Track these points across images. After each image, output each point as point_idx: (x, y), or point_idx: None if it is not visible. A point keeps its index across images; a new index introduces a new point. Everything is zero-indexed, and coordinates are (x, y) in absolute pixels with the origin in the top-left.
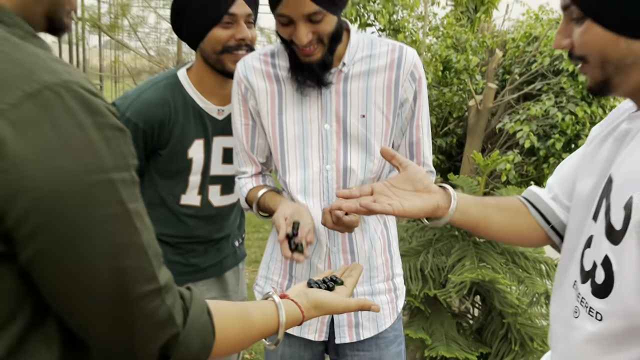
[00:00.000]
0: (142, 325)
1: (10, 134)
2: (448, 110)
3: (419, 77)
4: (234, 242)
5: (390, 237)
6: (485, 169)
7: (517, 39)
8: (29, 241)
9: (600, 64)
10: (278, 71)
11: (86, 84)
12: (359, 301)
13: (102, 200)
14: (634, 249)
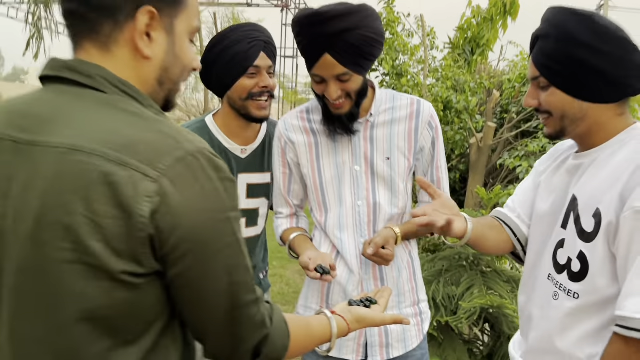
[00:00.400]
0: (245, 327)
1: (170, 188)
2: (451, 148)
3: (436, 126)
4: (259, 275)
5: (415, 267)
6: (488, 203)
7: (512, 79)
8: (178, 262)
9: (561, 118)
10: (313, 125)
11: (210, 149)
12: (393, 316)
13: (224, 232)
14: (603, 245)
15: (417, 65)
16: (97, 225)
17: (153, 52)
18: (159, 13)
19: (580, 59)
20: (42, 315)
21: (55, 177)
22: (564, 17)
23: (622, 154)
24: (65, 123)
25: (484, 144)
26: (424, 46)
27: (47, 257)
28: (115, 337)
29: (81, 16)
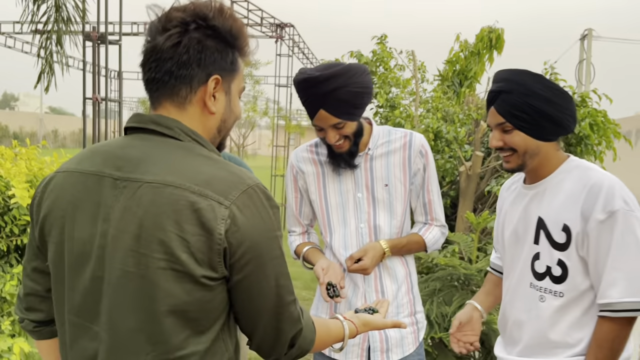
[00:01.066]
0: (286, 321)
1: (238, 213)
2: (442, 175)
3: (426, 153)
4: None
5: (412, 281)
6: (477, 227)
7: None
8: (242, 269)
9: (523, 154)
10: (320, 157)
11: (259, 182)
12: (393, 321)
13: (274, 246)
14: (574, 251)
15: (409, 97)
16: (184, 240)
17: (217, 108)
18: (222, 79)
19: (538, 107)
20: (139, 309)
21: (151, 204)
22: (523, 77)
23: (570, 181)
24: (153, 163)
25: (472, 171)
26: (415, 79)
27: (145, 264)
28: (192, 328)
29: (165, 83)
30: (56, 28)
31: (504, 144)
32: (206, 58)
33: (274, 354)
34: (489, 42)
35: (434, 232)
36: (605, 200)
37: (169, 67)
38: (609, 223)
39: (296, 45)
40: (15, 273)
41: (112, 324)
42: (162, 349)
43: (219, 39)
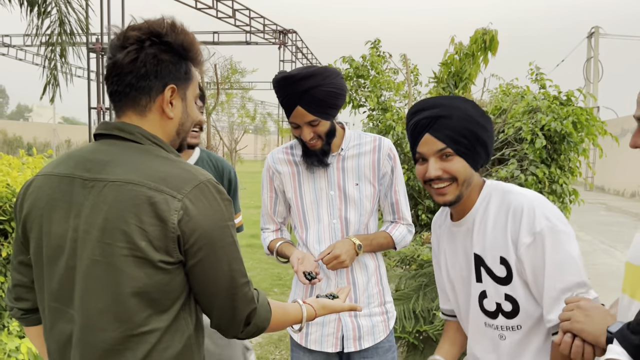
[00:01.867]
0: (240, 301)
1: (190, 205)
2: None
3: (394, 156)
4: None
5: (381, 274)
6: None
7: (489, 111)
8: (195, 254)
9: (463, 182)
10: (295, 158)
11: (214, 179)
12: (350, 305)
13: (225, 234)
14: (518, 281)
15: (403, 100)
16: (143, 230)
17: (174, 114)
18: (177, 88)
19: (476, 134)
20: (106, 292)
21: (115, 200)
22: (457, 101)
23: (492, 208)
24: (117, 165)
25: None
26: (408, 82)
27: (110, 252)
28: (154, 307)
29: (126, 94)
30: (60, 41)
31: (443, 172)
32: (162, 70)
33: (232, 331)
34: (483, 44)
35: (400, 230)
36: (527, 222)
37: (129, 80)
38: (537, 244)
39: (299, 51)
40: None
41: (84, 306)
42: (127, 326)
43: (172, 53)
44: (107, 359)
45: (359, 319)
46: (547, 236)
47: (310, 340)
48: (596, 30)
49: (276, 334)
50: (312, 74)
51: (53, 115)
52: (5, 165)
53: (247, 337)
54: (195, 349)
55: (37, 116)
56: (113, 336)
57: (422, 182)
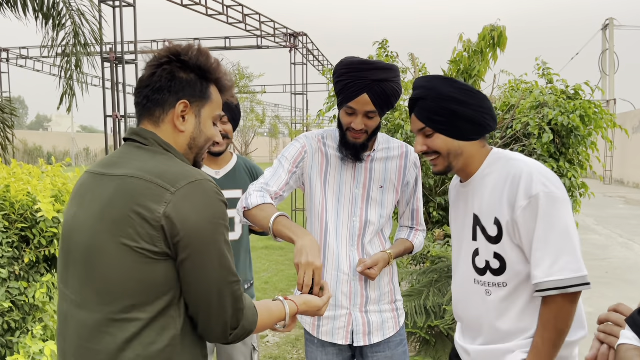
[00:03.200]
0: (229, 299)
1: (181, 199)
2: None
3: (419, 167)
4: (245, 285)
5: (393, 273)
6: None
7: (498, 107)
8: (184, 250)
9: (447, 156)
10: (326, 149)
11: (211, 179)
12: (328, 296)
13: (216, 231)
14: (508, 241)
15: None
16: (130, 218)
17: (186, 128)
18: (190, 104)
19: (452, 109)
20: (93, 276)
21: (114, 191)
22: (434, 82)
23: (493, 174)
24: (126, 163)
25: None
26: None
27: (101, 239)
28: (136, 297)
29: (144, 106)
30: (75, 52)
31: (427, 148)
32: (175, 86)
33: (220, 332)
34: (491, 40)
35: (419, 238)
36: (525, 186)
37: (147, 93)
38: (531, 207)
39: (310, 53)
40: (45, 282)
41: (78, 289)
42: (109, 310)
43: (188, 71)
44: (91, 339)
45: (369, 315)
46: (542, 200)
47: (322, 332)
48: (610, 22)
49: (293, 334)
50: (388, 67)
51: (71, 124)
52: (25, 174)
53: (235, 341)
54: (179, 349)
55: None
56: (96, 318)
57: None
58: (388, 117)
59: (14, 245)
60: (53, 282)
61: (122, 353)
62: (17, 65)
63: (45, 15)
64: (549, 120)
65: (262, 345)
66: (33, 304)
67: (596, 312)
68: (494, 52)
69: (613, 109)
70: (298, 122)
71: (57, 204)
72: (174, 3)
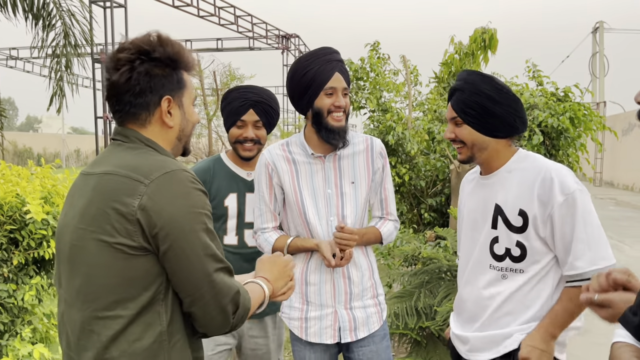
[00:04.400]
0: (221, 286)
1: (156, 190)
2: (436, 174)
3: (384, 156)
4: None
5: (373, 269)
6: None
7: None
8: (164, 241)
9: (471, 147)
10: (293, 156)
11: (189, 170)
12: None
13: (196, 220)
14: (532, 232)
15: (404, 100)
16: (107, 214)
17: (174, 122)
18: (172, 98)
19: (485, 106)
20: (78, 274)
21: (93, 189)
22: (474, 77)
23: (521, 172)
24: (106, 161)
25: (461, 169)
26: (407, 83)
27: (83, 237)
28: (119, 293)
29: (127, 112)
30: (65, 52)
31: (454, 137)
32: (155, 84)
33: (222, 320)
34: (482, 42)
35: (388, 226)
36: (560, 184)
37: (128, 99)
38: (569, 203)
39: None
40: (34, 284)
41: (66, 287)
42: (94, 307)
43: (163, 66)
44: (81, 336)
45: (354, 311)
46: (578, 196)
47: (310, 334)
48: (600, 25)
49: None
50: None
51: (62, 125)
52: (14, 175)
53: (238, 324)
54: (166, 346)
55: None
56: (83, 315)
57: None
58: (379, 119)
59: (3, 247)
60: (42, 284)
61: (108, 350)
62: (6, 66)
63: (35, 15)
64: (539, 122)
65: None
66: (22, 306)
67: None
68: (485, 54)
69: (603, 112)
70: (290, 123)
71: (47, 206)
72: (165, 4)
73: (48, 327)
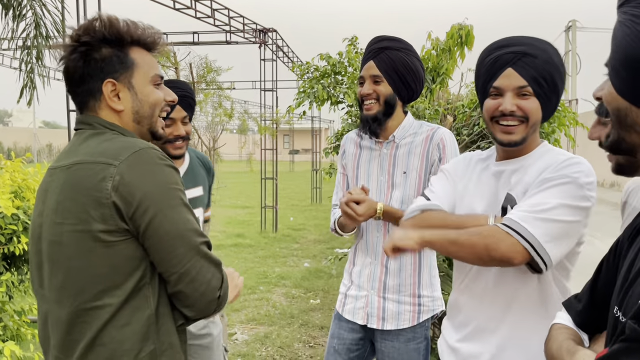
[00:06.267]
0: (205, 260)
1: (126, 170)
2: None
3: (444, 147)
4: None
5: (421, 267)
6: None
7: (465, 105)
8: (142, 218)
9: (533, 125)
10: (361, 140)
11: (157, 148)
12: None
13: (170, 196)
14: None
15: None
16: (82, 203)
17: (123, 105)
18: (117, 80)
19: (555, 81)
20: (61, 269)
21: (63, 182)
22: (547, 45)
23: (542, 162)
24: (73, 152)
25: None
26: None
27: (61, 231)
28: (104, 282)
29: (80, 102)
30: (36, 44)
31: (517, 109)
32: (93, 70)
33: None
34: (459, 39)
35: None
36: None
37: (72, 88)
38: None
39: (280, 49)
40: (4, 280)
41: (50, 284)
42: (80, 299)
43: (99, 50)
44: (69, 332)
45: (387, 302)
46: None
47: (345, 310)
48: (573, 24)
49: (262, 331)
50: (395, 38)
51: (33, 119)
52: None
53: (224, 300)
54: (153, 328)
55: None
56: (70, 311)
57: (489, 119)
58: (357, 114)
59: None
60: (13, 280)
61: (98, 339)
62: None
63: (5, 5)
64: None
65: (231, 343)
66: None
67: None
68: (462, 51)
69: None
70: (267, 118)
71: (17, 200)
72: None
73: (19, 324)
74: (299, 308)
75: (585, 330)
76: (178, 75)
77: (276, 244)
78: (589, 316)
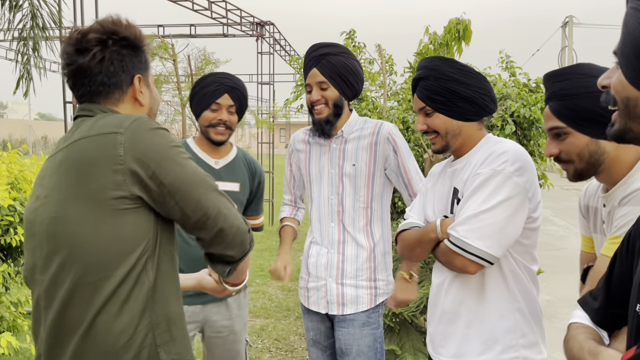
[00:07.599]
0: (223, 197)
1: (131, 135)
2: None
3: (394, 140)
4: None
5: (376, 254)
6: None
7: None
8: (163, 176)
9: (445, 135)
10: (309, 138)
11: (150, 118)
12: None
13: (175, 153)
14: None
15: (379, 90)
16: (90, 172)
17: (145, 101)
18: (142, 77)
19: (452, 89)
20: (62, 245)
21: (66, 159)
22: (436, 62)
23: (479, 155)
24: (71, 137)
25: (435, 158)
26: (383, 72)
27: (65, 205)
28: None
29: (99, 93)
30: (32, 35)
31: (427, 127)
32: (127, 64)
33: (244, 240)
34: (456, 33)
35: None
36: (493, 159)
37: (101, 79)
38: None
39: (277, 43)
40: (0, 271)
41: (46, 266)
42: (82, 273)
43: (130, 46)
44: (67, 310)
45: (345, 287)
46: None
47: (310, 302)
48: (570, 20)
49: (258, 324)
50: (333, 44)
51: (29, 111)
52: None
53: (252, 237)
54: (150, 302)
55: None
56: (68, 287)
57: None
58: (354, 106)
59: None
60: (9, 272)
61: (99, 317)
62: None
63: None
64: (512, 112)
65: None
66: None
67: (554, 300)
68: (459, 45)
69: None
70: (264, 112)
71: (13, 192)
72: None
73: (15, 315)
74: (294, 301)
75: (603, 327)
76: (176, 67)
77: (272, 237)
78: (607, 313)
